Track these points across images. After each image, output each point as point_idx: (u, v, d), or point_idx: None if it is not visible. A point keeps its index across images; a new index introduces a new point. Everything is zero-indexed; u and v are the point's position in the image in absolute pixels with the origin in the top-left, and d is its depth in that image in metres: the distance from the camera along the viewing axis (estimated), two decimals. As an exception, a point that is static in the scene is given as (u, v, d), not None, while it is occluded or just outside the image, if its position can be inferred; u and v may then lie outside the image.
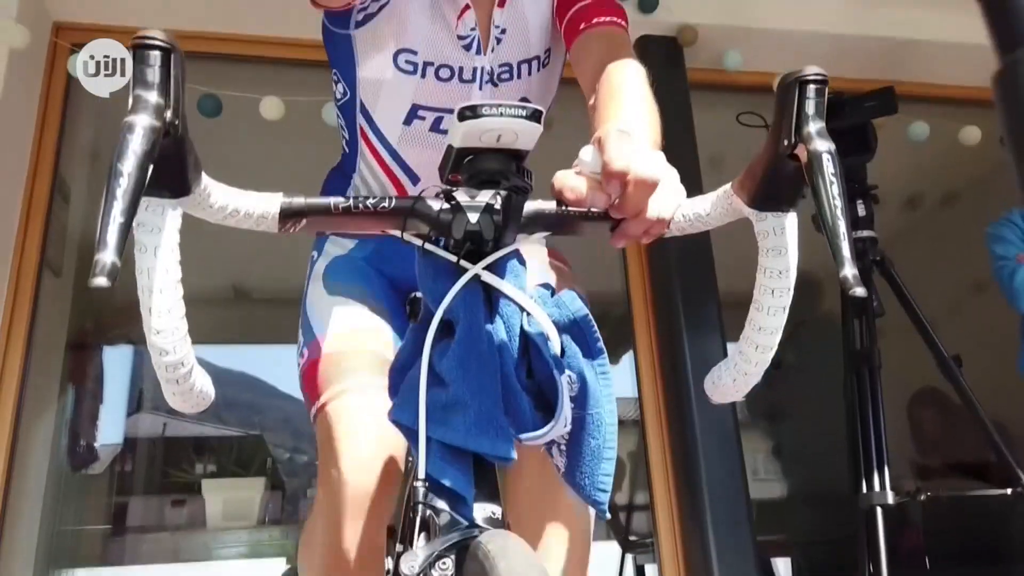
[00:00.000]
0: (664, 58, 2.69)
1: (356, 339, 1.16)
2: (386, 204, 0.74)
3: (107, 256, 0.49)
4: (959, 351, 2.10)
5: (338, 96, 1.29)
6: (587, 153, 0.73)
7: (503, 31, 1.20)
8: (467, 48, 1.19)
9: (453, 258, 0.75)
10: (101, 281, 0.49)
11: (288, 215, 0.72)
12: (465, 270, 0.75)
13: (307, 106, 2.37)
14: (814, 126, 0.62)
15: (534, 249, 1.08)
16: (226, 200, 0.69)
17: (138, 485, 4.47)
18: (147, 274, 0.61)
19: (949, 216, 3.65)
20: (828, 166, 0.60)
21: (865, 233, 1.91)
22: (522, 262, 0.78)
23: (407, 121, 1.21)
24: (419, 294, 0.87)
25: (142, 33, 0.55)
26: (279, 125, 2.36)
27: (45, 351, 2.52)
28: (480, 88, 1.21)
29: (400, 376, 0.77)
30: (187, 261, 0.65)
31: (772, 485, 3.93)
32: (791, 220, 0.68)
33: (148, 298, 0.61)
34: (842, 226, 0.59)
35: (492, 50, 1.20)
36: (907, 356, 2.43)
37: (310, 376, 1.16)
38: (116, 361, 4.31)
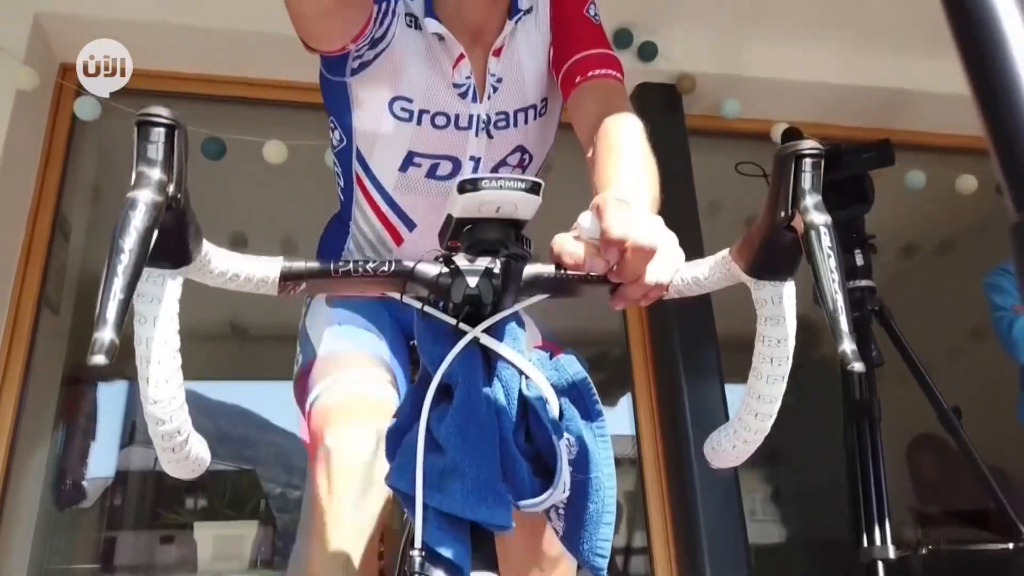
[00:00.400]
0: (663, 105, 2.73)
1: (353, 345, 1.14)
2: (386, 268, 0.74)
3: (106, 334, 0.49)
4: (958, 397, 2.10)
5: (334, 143, 1.30)
6: (586, 219, 0.73)
7: (499, 80, 1.21)
8: (463, 96, 1.19)
9: (452, 321, 0.75)
10: (99, 359, 0.48)
11: (288, 279, 0.72)
12: (464, 333, 0.75)
13: (310, 150, 2.39)
14: (811, 199, 0.62)
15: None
16: (226, 265, 0.69)
17: (128, 520, 4.42)
18: (146, 344, 0.60)
19: (946, 262, 3.67)
20: (825, 240, 0.61)
21: (863, 283, 1.92)
22: (521, 324, 0.78)
23: (403, 168, 1.21)
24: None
25: (146, 110, 0.56)
26: (282, 168, 2.38)
27: (40, 387, 2.51)
28: (476, 135, 1.21)
29: (397, 439, 0.77)
30: (186, 298, 0.65)
31: (770, 528, 3.89)
32: (789, 289, 0.69)
33: (146, 368, 0.60)
34: (840, 300, 0.59)
35: (488, 98, 1.21)
36: (905, 401, 2.42)
37: (303, 380, 1.13)
38: (110, 395, 4.30)
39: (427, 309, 0.76)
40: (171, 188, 0.56)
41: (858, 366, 0.57)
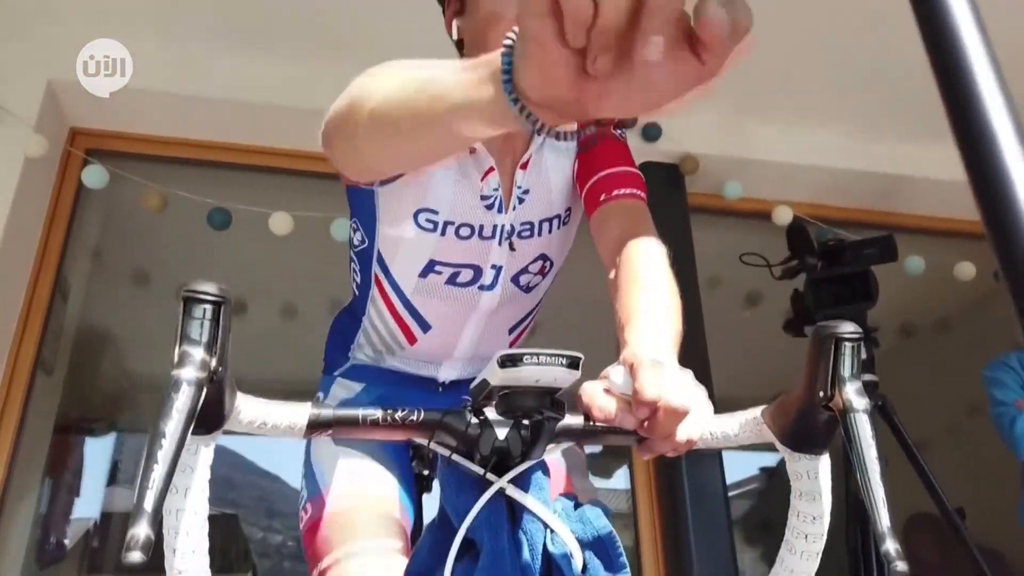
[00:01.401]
0: (665, 183, 2.76)
1: (361, 497, 1.13)
2: (414, 418, 0.73)
3: (142, 530, 0.48)
4: (956, 473, 2.09)
5: (356, 243, 1.30)
6: (617, 375, 0.73)
7: (525, 191, 1.21)
8: (489, 207, 1.19)
9: (480, 471, 0.74)
10: (135, 557, 0.47)
11: (316, 427, 0.72)
12: (490, 483, 0.74)
13: (316, 221, 2.39)
14: (852, 385, 0.62)
15: None
16: (255, 415, 0.68)
17: (109, 563, 4.34)
18: (175, 515, 0.59)
19: (944, 341, 3.69)
20: (866, 429, 0.61)
21: (867, 377, 1.91)
22: (546, 472, 0.77)
23: (423, 274, 1.21)
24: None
25: (192, 286, 0.56)
26: (288, 239, 2.38)
27: (31, 447, 2.47)
28: (499, 244, 1.21)
29: (415, 587, 0.75)
30: (162, 343, 0.64)
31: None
32: (824, 464, 0.68)
33: (174, 539, 0.59)
34: (881, 494, 0.59)
35: (514, 208, 1.20)
36: (899, 479, 2.41)
37: (311, 537, 1.12)
38: (96, 445, 4.24)
39: (455, 458, 0.75)
40: (213, 362, 0.56)
41: (901, 566, 0.56)
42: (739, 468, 4.82)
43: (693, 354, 2.65)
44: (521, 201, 1.21)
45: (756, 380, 4.15)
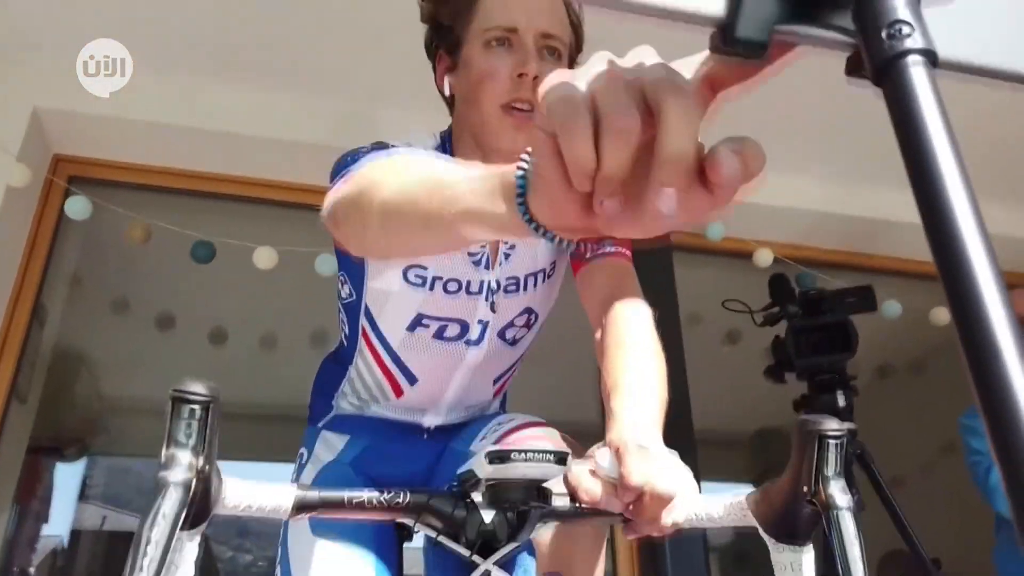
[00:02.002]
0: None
1: None
2: (400, 500, 0.73)
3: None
4: (929, 511, 2.10)
5: (343, 295, 1.30)
6: (604, 458, 0.73)
7: (512, 247, 1.22)
8: (476, 264, 1.20)
9: (466, 552, 0.74)
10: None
11: (302, 508, 0.71)
12: (476, 564, 0.74)
13: (301, 254, 2.38)
14: (836, 484, 0.63)
15: (549, 431, 1.06)
16: (240, 499, 0.68)
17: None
18: (160, 612, 0.58)
19: (919, 382, 3.74)
20: (850, 526, 0.62)
21: (846, 426, 1.93)
22: (532, 553, 0.78)
23: (411, 328, 1.21)
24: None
25: (181, 386, 0.55)
26: (272, 271, 2.37)
27: (1, 472, 2.43)
28: (486, 299, 1.22)
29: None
30: (138, 368, 0.64)
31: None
32: (808, 557, 0.69)
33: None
34: (864, 594, 0.59)
35: (500, 264, 1.21)
36: (872, 517, 2.43)
37: None
38: (68, 469, 4.18)
39: (441, 538, 0.75)
40: (201, 461, 0.56)
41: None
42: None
43: (674, 389, 2.66)
44: (507, 257, 1.22)
45: (735, 415, 4.18)
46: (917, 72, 0.34)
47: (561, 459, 0.63)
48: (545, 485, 0.72)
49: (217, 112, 2.43)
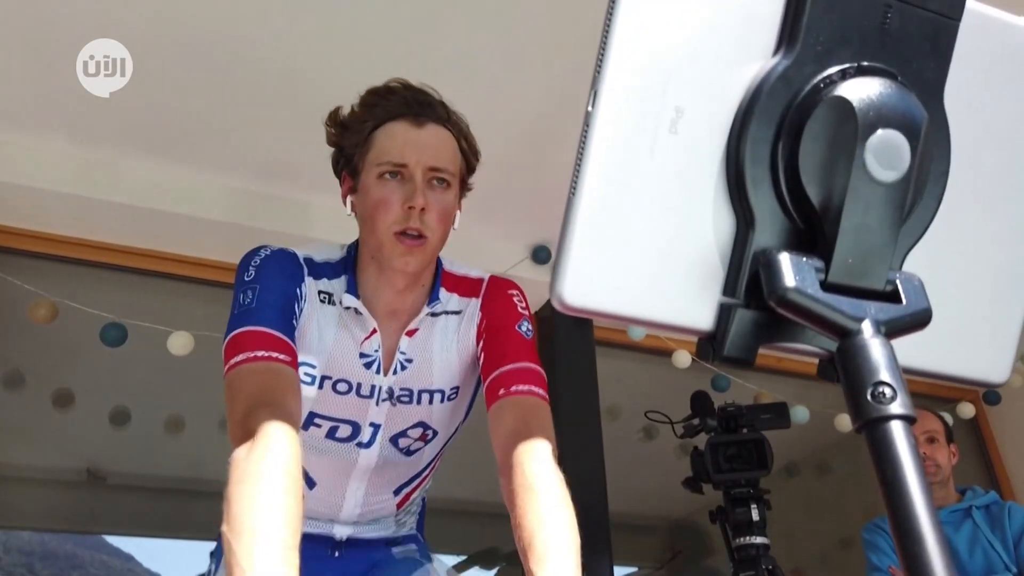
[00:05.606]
0: (573, 320, 2.82)
1: None
2: None
3: None
4: None
5: None
6: None
7: (409, 359, 1.24)
8: (367, 367, 1.22)
9: None
10: None
11: None
12: None
13: (217, 338, 2.29)
14: None
15: None
16: None
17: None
18: None
19: (822, 480, 3.89)
20: None
21: (759, 539, 1.97)
22: None
23: (304, 426, 1.20)
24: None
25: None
26: (188, 357, 2.27)
27: None
28: (377, 404, 1.23)
29: None
30: (39, 441, 0.58)
31: None
32: None
33: None
34: None
35: (395, 372, 1.23)
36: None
37: None
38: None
39: None
40: None
41: None
42: None
43: (591, 477, 2.69)
44: (403, 367, 1.23)
45: (650, 501, 4.22)
46: (898, 433, 0.36)
47: None
48: None
49: (135, 187, 2.35)
